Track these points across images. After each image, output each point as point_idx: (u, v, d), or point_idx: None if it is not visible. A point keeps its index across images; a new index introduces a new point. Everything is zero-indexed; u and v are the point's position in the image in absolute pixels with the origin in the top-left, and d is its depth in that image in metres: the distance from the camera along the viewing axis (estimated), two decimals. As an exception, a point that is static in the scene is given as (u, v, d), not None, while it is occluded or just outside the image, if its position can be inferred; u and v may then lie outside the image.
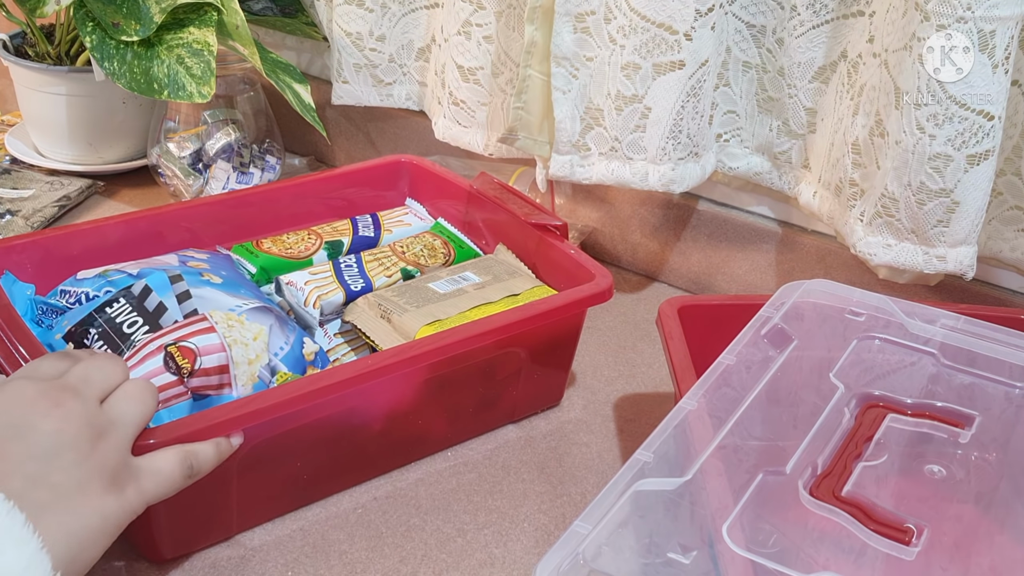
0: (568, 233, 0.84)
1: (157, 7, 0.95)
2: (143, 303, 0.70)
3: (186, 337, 0.66)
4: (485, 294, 0.78)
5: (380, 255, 0.84)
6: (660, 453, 0.56)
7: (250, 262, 0.83)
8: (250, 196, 0.89)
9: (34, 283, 0.76)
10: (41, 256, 0.78)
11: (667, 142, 0.88)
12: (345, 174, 0.95)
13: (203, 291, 0.72)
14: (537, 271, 0.84)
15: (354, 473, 0.73)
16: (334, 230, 0.89)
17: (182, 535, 0.66)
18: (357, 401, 0.69)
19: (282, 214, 0.91)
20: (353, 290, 0.79)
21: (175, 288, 0.71)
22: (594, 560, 0.50)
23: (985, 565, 0.52)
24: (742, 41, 0.89)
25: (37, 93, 1.09)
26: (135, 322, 0.69)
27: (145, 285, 0.71)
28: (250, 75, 1.09)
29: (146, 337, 0.67)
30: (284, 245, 0.86)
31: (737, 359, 0.64)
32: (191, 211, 0.86)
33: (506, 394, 0.78)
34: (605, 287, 0.77)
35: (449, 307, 0.75)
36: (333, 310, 0.79)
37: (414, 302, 0.76)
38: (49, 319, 0.73)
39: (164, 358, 0.65)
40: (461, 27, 0.97)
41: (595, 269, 0.79)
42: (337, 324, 0.79)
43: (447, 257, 0.87)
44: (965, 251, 0.78)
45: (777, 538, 0.52)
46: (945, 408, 0.62)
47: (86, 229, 0.80)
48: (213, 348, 0.66)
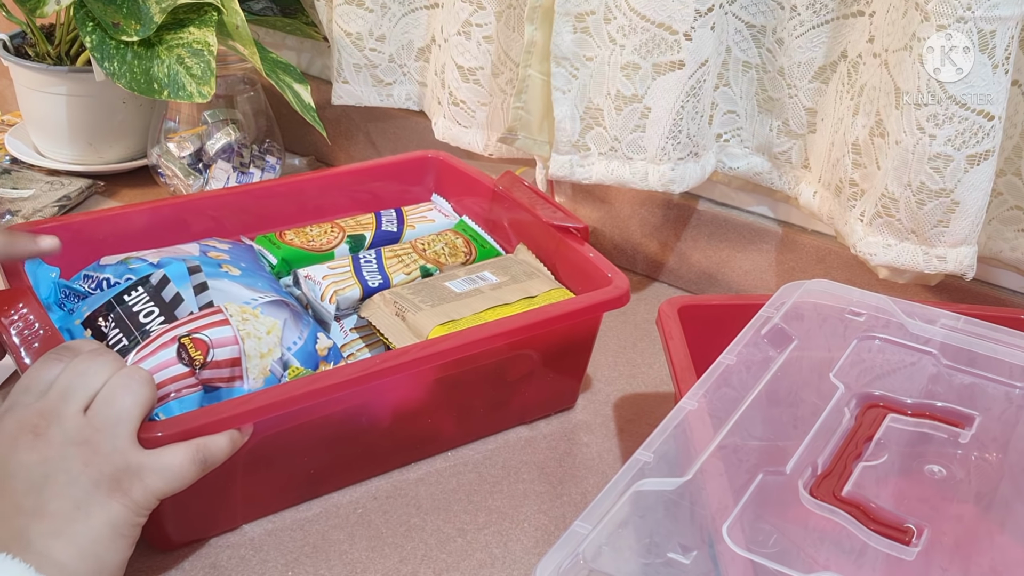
0: (588, 235, 0.83)
1: (157, 7, 0.95)
2: (160, 293, 0.70)
3: (200, 329, 0.66)
4: (501, 295, 0.78)
5: (400, 252, 0.84)
6: (660, 453, 0.56)
7: (272, 253, 0.83)
8: (276, 187, 0.90)
9: (60, 266, 0.77)
10: (68, 239, 0.77)
11: (667, 142, 0.88)
12: (372, 168, 0.95)
13: (220, 283, 0.72)
14: (556, 272, 0.84)
15: (361, 470, 0.73)
16: (357, 224, 0.89)
17: (188, 524, 0.67)
18: (367, 399, 0.69)
19: (307, 206, 0.91)
20: (370, 286, 0.79)
21: (193, 279, 0.72)
22: (594, 560, 0.50)
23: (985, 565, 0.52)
24: (742, 41, 0.89)
25: (37, 93, 1.09)
26: (151, 312, 0.69)
27: (163, 275, 0.71)
28: (250, 75, 1.09)
29: (161, 328, 0.67)
30: (307, 237, 0.86)
31: (737, 359, 0.64)
32: (217, 200, 0.86)
33: (518, 396, 0.78)
34: (620, 293, 0.76)
35: (464, 307, 0.75)
36: (349, 305, 0.78)
37: (429, 301, 0.76)
38: (71, 303, 0.74)
39: (177, 349, 0.65)
40: (461, 27, 0.97)
41: (612, 273, 0.78)
42: (354, 319, 0.78)
43: (468, 256, 0.86)
44: (965, 251, 0.78)
45: (777, 538, 0.52)
46: (945, 408, 0.62)
47: (113, 215, 0.81)
48: (226, 341, 0.66)
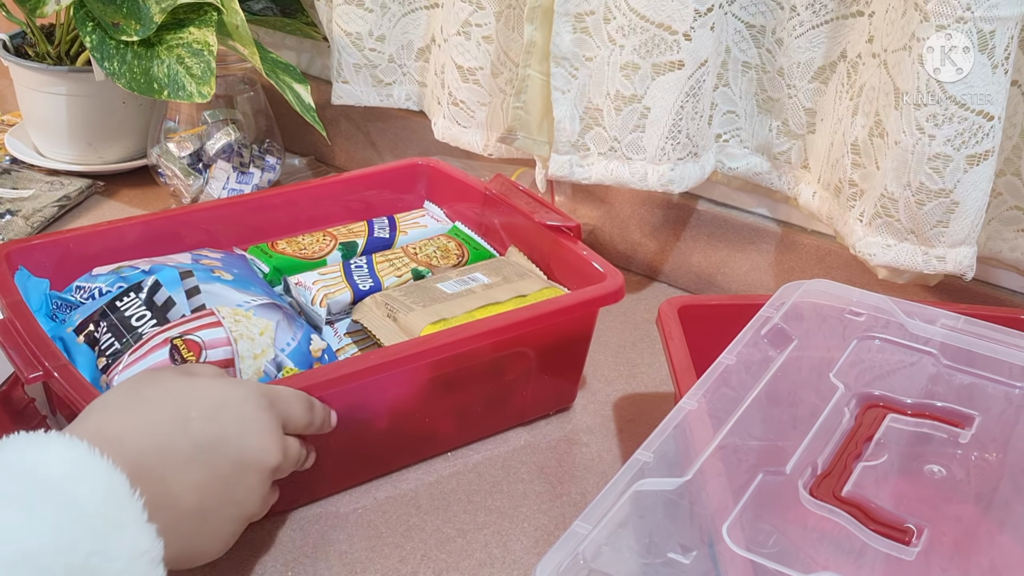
0: (581, 234, 0.83)
1: (157, 7, 0.95)
2: (152, 297, 0.70)
3: (192, 331, 0.66)
4: (493, 294, 0.78)
5: (392, 256, 0.84)
6: (660, 453, 0.56)
7: (264, 262, 0.83)
8: (269, 199, 0.90)
9: (53, 281, 0.77)
10: (61, 255, 0.78)
11: (666, 142, 0.88)
12: (363, 176, 0.95)
13: (213, 287, 0.72)
14: (551, 273, 0.84)
15: (361, 471, 0.73)
16: (349, 232, 0.89)
17: None
18: (361, 398, 0.69)
19: (300, 216, 0.91)
20: (361, 289, 0.79)
21: (185, 283, 0.72)
22: (594, 560, 0.50)
23: (985, 565, 0.52)
24: (742, 41, 0.89)
25: (37, 93, 1.09)
26: (143, 315, 0.69)
27: (155, 280, 0.71)
28: (250, 75, 1.09)
29: (153, 330, 0.67)
30: (299, 246, 0.86)
31: (737, 359, 0.64)
32: (210, 212, 0.87)
33: (516, 395, 0.78)
34: (613, 288, 0.76)
35: (456, 307, 0.75)
36: (341, 309, 0.79)
37: (421, 301, 0.76)
38: (63, 314, 0.74)
39: (170, 351, 0.65)
40: (461, 27, 0.97)
41: (606, 269, 0.78)
42: (347, 323, 0.79)
43: (460, 258, 0.86)
44: (965, 251, 0.78)
45: (777, 538, 0.52)
46: (945, 408, 0.62)
47: (105, 229, 0.81)
48: (219, 342, 0.66)
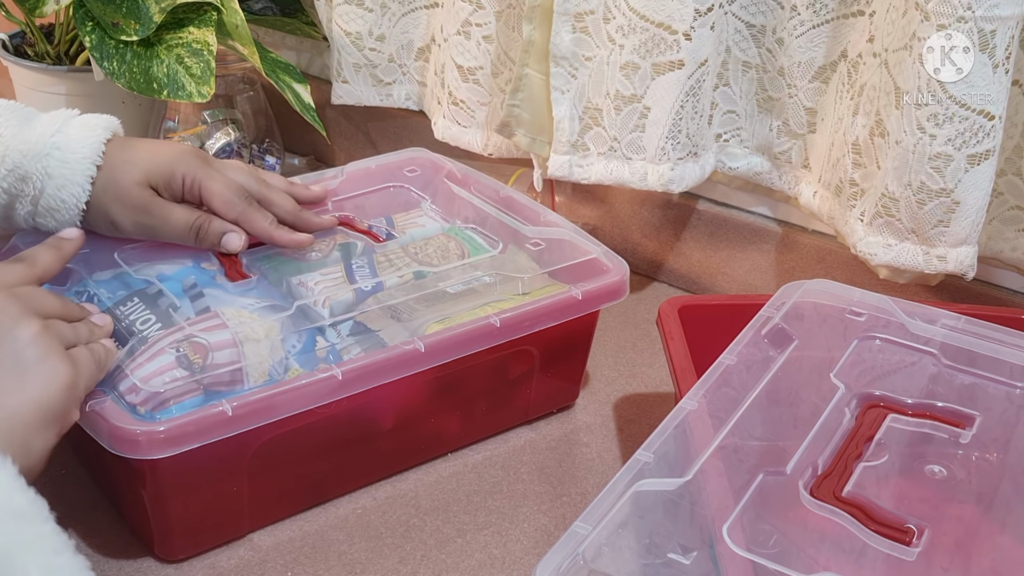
0: None
1: (157, 7, 0.95)
2: (156, 302, 0.70)
3: (198, 333, 0.66)
4: (495, 293, 0.78)
5: (392, 256, 0.84)
6: (660, 453, 0.56)
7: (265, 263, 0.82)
8: None
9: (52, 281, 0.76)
10: None
11: (666, 142, 0.88)
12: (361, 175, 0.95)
13: (216, 291, 0.72)
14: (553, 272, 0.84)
15: (366, 473, 0.73)
16: (347, 234, 0.89)
17: (194, 534, 0.66)
18: (367, 398, 0.69)
19: None
20: (364, 290, 0.79)
21: (187, 287, 0.72)
22: (594, 561, 0.50)
23: (986, 565, 0.52)
24: (742, 41, 0.89)
25: (37, 93, 1.09)
26: (148, 319, 0.69)
27: (157, 286, 0.71)
28: (250, 75, 1.09)
29: (158, 333, 0.67)
30: None
31: (737, 359, 0.64)
32: None
33: (519, 394, 0.78)
34: (616, 285, 0.76)
35: (459, 306, 0.75)
36: (343, 310, 0.78)
37: (424, 301, 0.76)
38: None
39: (176, 354, 0.65)
40: (461, 27, 0.97)
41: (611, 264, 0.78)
42: (350, 325, 0.79)
43: (460, 258, 0.86)
44: (965, 251, 0.78)
45: (777, 538, 0.52)
46: (946, 408, 0.62)
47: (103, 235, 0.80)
48: (225, 344, 0.66)
